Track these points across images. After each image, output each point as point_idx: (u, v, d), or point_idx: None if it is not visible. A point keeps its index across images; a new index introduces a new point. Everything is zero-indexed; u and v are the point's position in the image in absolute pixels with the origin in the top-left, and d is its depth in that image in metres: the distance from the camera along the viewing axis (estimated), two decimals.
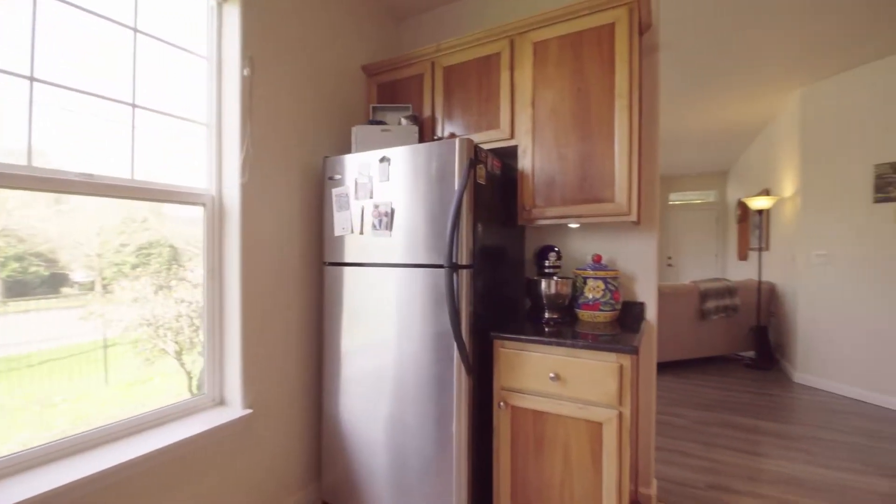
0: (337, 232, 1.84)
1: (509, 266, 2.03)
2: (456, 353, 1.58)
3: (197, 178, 1.70)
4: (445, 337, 1.61)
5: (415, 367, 1.67)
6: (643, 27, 1.88)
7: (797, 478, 2.26)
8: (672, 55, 3.27)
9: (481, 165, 1.67)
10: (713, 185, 8.10)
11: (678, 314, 4.17)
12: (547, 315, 1.88)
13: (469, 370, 1.58)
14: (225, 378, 1.76)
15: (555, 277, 1.87)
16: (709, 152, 6.45)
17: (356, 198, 1.78)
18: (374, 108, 2.05)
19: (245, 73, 1.65)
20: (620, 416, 1.45)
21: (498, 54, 1.95)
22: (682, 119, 4.82)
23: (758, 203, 4.45)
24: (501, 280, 1.92)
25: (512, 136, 1.93)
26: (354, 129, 1.87)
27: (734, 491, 2.12)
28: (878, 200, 3.31)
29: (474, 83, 2.01)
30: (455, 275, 1.56)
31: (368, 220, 1.75)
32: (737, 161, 6.82)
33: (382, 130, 1.87)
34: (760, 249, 4.82)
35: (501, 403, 1.64)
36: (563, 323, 1.82)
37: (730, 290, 4.39)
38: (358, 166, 1.77)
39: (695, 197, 8.29)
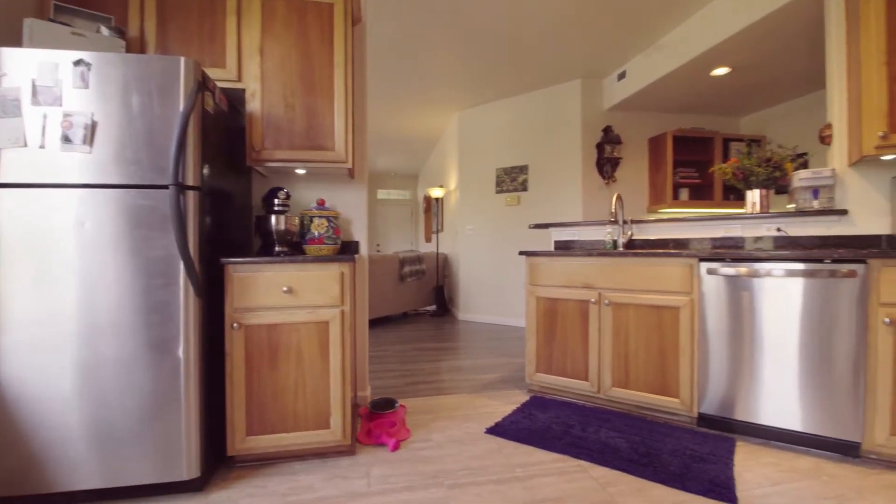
0: None
1: (238, 209, 2.09)
2: (182, 276, 1.56)
3: None
4: (166, 261, 1.55)
5: (122, 297, 1.53)
6: (355, 19, 2.34)
7: (460, 366, 3.29)
8: (380, 65, 4.00)
9: (209, 94, 1.70)
10: (409, 186, 9.96)
11: (385, 279, 5.04)
12: (277, 249, 2.07)
13: (199, 292, 1.60)
14: None
15: (285, 214, 2.07)
16: (406, 156, 7.94)
17: (35, 103, 1.45)
18: (56, 7, 1.68)
19: None
20: (343, 312, 1.82)
21: None
22: (387, 123, 5.81)
23: (435, 193, 5.91)
24: (230, 221, 1.97)
25: (240, 78, 2.01)
26: (28, 22, 1.51)
27: (423, 382, 2.91)
28: (497, 192, 5.08)
29: (196, 16, 1.96)
30: (182, 195, 1.55)
31: (55, 131, 1.47)
32: (424, 165, 8.66)
33: (73, 33, 1.58)
34: (437, 231, 6.38)
35: (235, 324, 1.73)
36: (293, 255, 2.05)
37: (419, 258, 5.64)
38: (37, 65, 1.45)
39: (396, 195, 9.94)
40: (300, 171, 2.27)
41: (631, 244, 2.87)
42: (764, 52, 3.30)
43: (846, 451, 1.85)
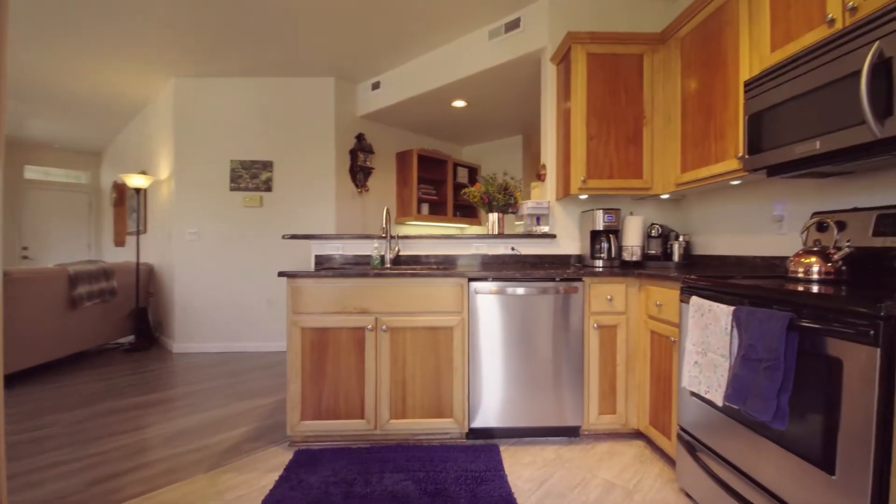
0: None
1: None
2: None
3: None
4: None
5: None
6: None
7: (184, 428, 2.39)
8: None
9: None
10: (86, 166, 7.14)
11: (41, 306, 3.29)
12: None
13: None
14: None
15: None
16: (81, 125, 5.58)
17: None
18: None
19: None
20: None
21: None
22: (51, 71, 3.82)
23: (135, 181, 4.34)
24: None
25: None
26: None
27: (122, 472, 1.92)
28: (233, 189, 4.16)
29: None
30: None
31: None
32: (113, 141, 6.35)
33: None
34: (139, 232, 4.75)
35: None
36: None
37: (106, 273, 4.00)
38: None
39: (62, 176, 6.93)
40: None
41: (398, 260, 2.78)
42: (491, 95, 3.89)
43: (570, 433, 2.27)
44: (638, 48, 2.51)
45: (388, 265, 2.70)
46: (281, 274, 2.14)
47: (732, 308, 1.41)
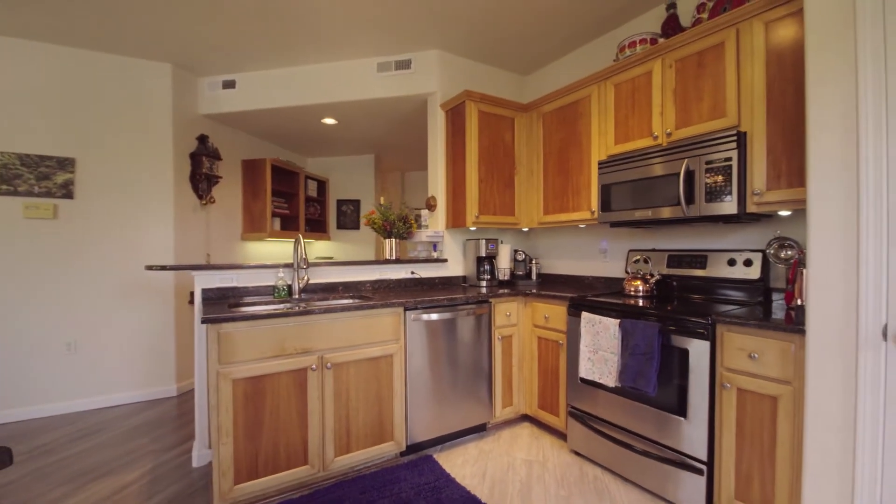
0: None
1: None
2: None
3: None
4: None
5: None
6: None
7: None
8: None
9: None
10: None
11: None
12: None
13: None
14: None
15: None
16: None
17: None
18: None
19: None
20: None
21: None
22: None
23: None
24: None
25: None
26: None
27: None
28: (5, 193, 2.95)
29: None
30: None
31: None
32: None
33: None
34: None
35: None
36: None
37: None
38: None
39: None
40: None
41: (307, 289, 2.67)
42: (366, 119, 3.99)
43: (479, 429, 2.72)
44: (511, 112, 3.17)
45: (297, 295, 2.56)
46: (206, 320, 1.84)
47: (619, 320, 2.12)
